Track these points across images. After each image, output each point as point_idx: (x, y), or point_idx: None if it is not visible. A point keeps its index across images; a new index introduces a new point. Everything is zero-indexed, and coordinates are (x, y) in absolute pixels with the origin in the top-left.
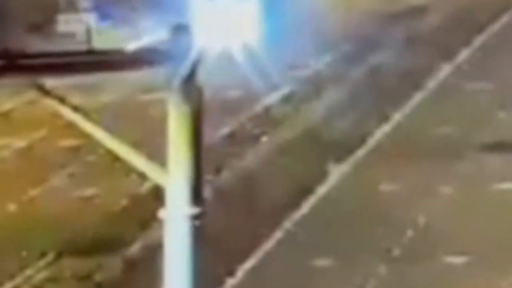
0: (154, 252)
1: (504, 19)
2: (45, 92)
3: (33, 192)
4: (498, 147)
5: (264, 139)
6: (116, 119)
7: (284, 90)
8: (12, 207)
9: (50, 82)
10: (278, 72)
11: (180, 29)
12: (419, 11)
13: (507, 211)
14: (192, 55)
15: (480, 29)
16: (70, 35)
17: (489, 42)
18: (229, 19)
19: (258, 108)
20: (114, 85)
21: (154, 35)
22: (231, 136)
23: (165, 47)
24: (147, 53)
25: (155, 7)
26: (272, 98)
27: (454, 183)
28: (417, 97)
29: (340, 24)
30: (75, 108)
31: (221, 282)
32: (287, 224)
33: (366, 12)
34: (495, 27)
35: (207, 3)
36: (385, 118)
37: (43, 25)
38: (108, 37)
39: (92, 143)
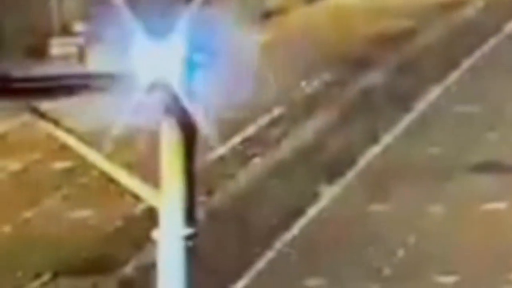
0: (148, 272)
1: (492, 41)
2: (40, 114)
3: (28, 214)
4: (487, 167)
5: (255, 161)
6: (110, 141)
7: (276, 112)
8: (7, 228)
9: (45, 105)
10: (271, 94)
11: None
12: (409, 34)
13: (496, 230)
14: (185, 82)
15: (469, 51)
16: (64, 58)
17: (477, 65)
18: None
19: (250, 130)
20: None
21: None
22: (223, 158)
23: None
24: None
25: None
26: (264, 120)
27: (444, 203)
28: (407, 118)
29: (331, 47)
30: (69, 131)
31: None
32: (279, 244)
33: (356, 35)
34: (484, 49)
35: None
36: (375, 140)
37: (37, 48)
38: (102, 60)
39: (86, 165)
